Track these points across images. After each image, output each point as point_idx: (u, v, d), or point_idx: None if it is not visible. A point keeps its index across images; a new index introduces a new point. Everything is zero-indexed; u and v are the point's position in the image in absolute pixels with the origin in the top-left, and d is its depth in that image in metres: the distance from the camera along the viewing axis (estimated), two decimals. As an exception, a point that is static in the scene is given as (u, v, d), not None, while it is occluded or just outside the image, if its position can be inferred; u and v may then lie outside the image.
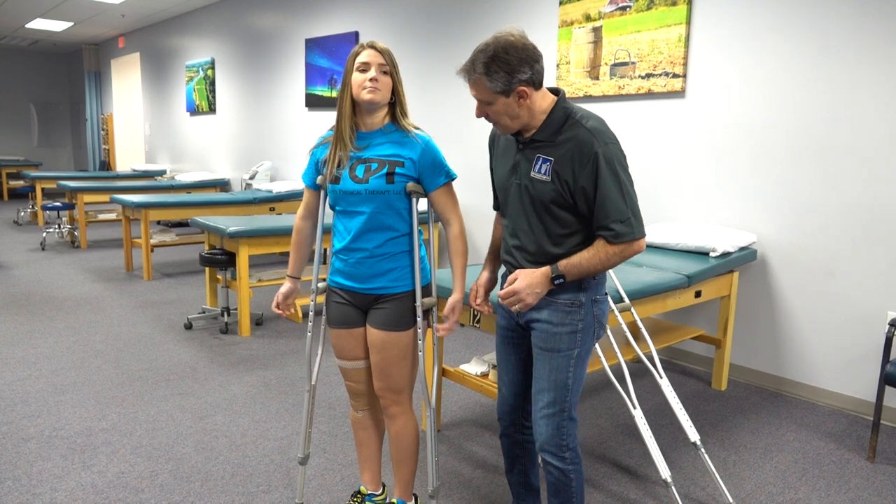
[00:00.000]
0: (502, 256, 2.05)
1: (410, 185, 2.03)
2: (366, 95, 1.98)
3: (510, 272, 1.99)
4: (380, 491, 2.39)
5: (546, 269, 1.84)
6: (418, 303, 2.09)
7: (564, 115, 1.82)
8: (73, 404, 3.34)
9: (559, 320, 1.89)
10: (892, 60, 3.22)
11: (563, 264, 1.83)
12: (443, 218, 2.12)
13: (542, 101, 1.83)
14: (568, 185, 1.80)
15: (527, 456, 2.20)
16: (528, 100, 1.79)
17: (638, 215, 1.80)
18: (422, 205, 2.20)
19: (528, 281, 1.84)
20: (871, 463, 2.94)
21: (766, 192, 3.72)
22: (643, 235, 1.81)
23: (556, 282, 1.84)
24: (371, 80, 1.96)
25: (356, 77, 1.99)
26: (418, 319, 2.10)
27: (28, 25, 10.82)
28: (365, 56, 1.98)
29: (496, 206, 2.12)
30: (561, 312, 1.89)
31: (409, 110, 2.13)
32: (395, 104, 2.06)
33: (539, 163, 1.83)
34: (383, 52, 2.00)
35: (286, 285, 2.27)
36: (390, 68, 2.00)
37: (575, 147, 1.78)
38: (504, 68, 1.74)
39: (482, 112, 1.85)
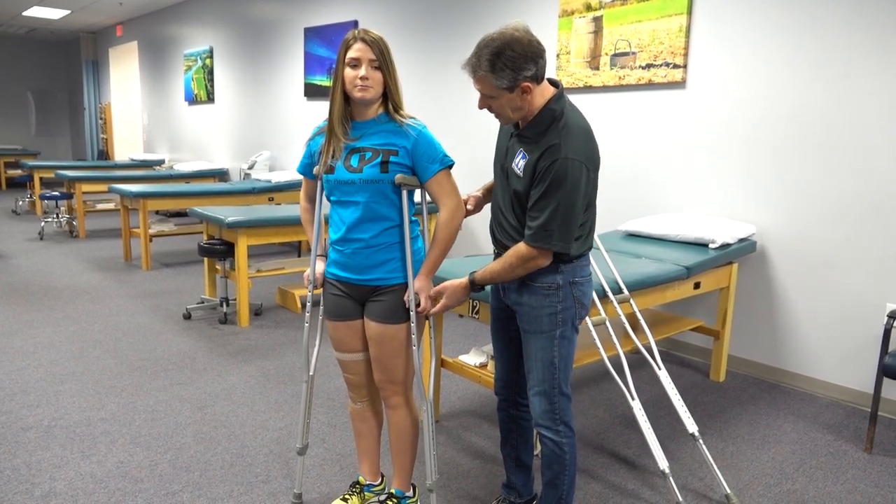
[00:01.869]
0: (490, 227, 2.14)
1: (399, 178, 2.00)
2: (357, 94, 1.96)
3: (497, 246, 2.10)
4: (378, 481, 2.39)
5: (466, 281, 2.02)
6: (410, 296, 2.08)
7: (551, 117, 1.86)
8: (72, 394, 3.34)
9: (538, 303, 1.97)
10: (892, 51, 3.20)
11: (478, 275, 1.99)
12: (437, 203, 2.09)
13: (541, 97, 1.88)
14: (531, 184, 1.87)
15: (519, 432, 2.29)
16: (530, 94, 1.84)
17: (564, 233, 1.83)
18: (416, 196, 2.18)
19: (452, 296, 2.05)
20: (869, 454, 2.95)
21: (766, 184, 3.71)
22: (550, 248, 1.85)
23: (473, 287, 2.02)
24: (362, 78, 1.93)
25: (347, 72, 1.95)
26: (411, 314, 2.09)
27: (25, 13, 10.75)
28: (355, 51, 1.93)
29: None
30: (539, 295, 1.97)
31: (410, 100, 2.12)
32: (388, 97, 2.02)
33: (519, 157, 1.92)
34: (374, 45, 1.94)
35: (319, 265, 2.20)
36: (381, 62, 1.95)
37: (547, 153, 1.83)
38: (510, 65, 1.77)
39: (485, 104, 1.89)
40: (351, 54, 1.94)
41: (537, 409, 2.02)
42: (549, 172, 1.80)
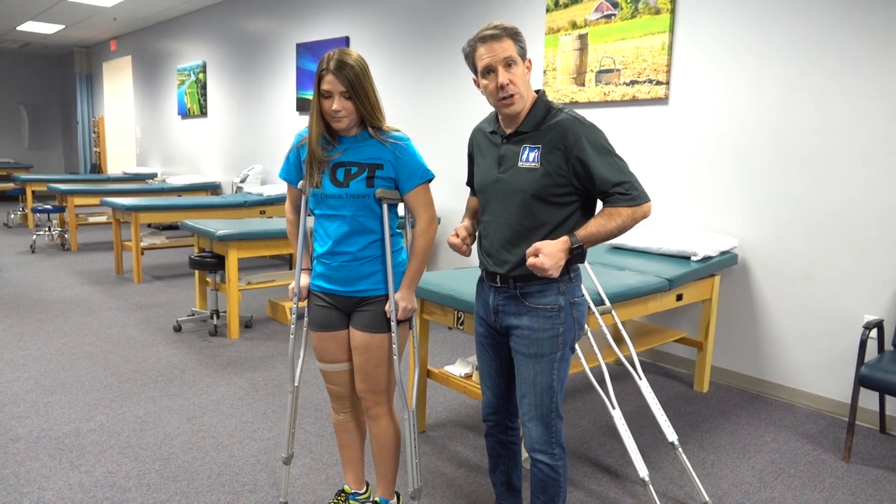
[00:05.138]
0: (479, 257, 2.07)
1: (380, 192, 2.05)
2: (334, 125, 2.02)
3: (490, 272, 2.01)
4: (363, 490, 2.43)
5: (565, 239, 1.83)
6: (391, 307, 2.12)
7: (546, 107, 1.94)
8: (62, 405, 3.37)
9: (540, 326, 1.93)
10: (871, 68, 3.29)
11: (581, 234, 1.84)
12: (413, 215, 2.15)
13: (530, 92, 1.94)
14: (559, 168, 1.87)
15: (509, 456, 2.25)
16: (528, 75, 1.91)
17: (638, 182, 1.90)
18: (401, 209, 2.24)
19: (552, 255, 1.80)
20: (846, 463, 3.01)
21: (747, 198, 3.79)
22: (649, 199, 1.90)
23: (574, 251, 1.85)
24: (334, 110, 1.98)
25: (323, 101, 2.00)
26: (392, 324, 2.13)
27: (19, 28, 10.82)
28: (326, 83, 1.97)
29: (474, 193, 2.17)
30: (542, 318, 1.93)
31: (399, 113, 2.15)
32: (364, 118, 2.05)
33: (526, 152, 1.90)
34: (343, 77, 1.95)
35: (304, 279, 2.24)
36: (351, 92, 1.97)
37: (561, 132, 1.87)
38: (521, 36, 1.89)
39: (506, 77, 1.84)
40: (323, 86, 1.98)
41: (534, 436, 1.97)
42: (587, 144, 1.85)
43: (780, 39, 3.58)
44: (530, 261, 1.80)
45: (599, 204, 1.95)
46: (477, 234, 2.11)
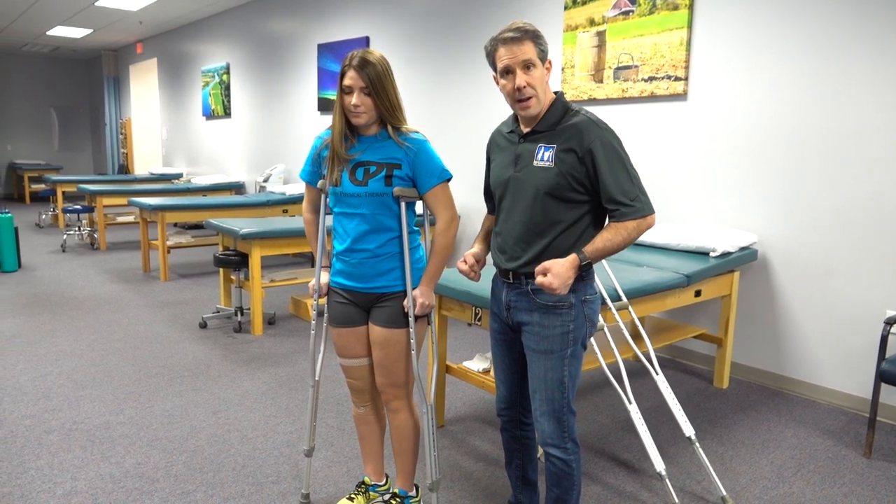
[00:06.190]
0: (493, 255, 2.10)
1: (397, 190, 2.10)
2: (352, 120, 2.08)
3: (502, 268, 2.03)
4: (383, 481, 2.48)
5: (573, 258, 1.86)
6: (409, 303, 2.16)
7: (564, 108, 1.95)
8: (93, 399, 3.47)
9: (550, 322, 1.95)
10: (891, 62, 3.26)
11: (588, 250, 1.87)
12: (434, 216, 2.19)
13: (548, 93, 1.95)
14: (571, 169, 1.88)
15: (524, 451, 2.27)
16: (548, 78, 1.93)
17: (644, 192, 1.90)
18: (419, 207, 2.28)
19: (560, 275, 1.82)
20: (867, 459, 2.99)
21: (767, 193, 3.77)
22: (653, 211, 1.90)
23: (583, 268, 1.88)
24: (354, 105, 2.04)
25: (344, 97, 2.07)
26: (410, 320, 2.17)
27: (49, 32, 11.08)
28: (347, 79, 2.04)
29: (491, 210, 2.20)
30: (551, 315, 1.95)
31: (419, 112, 2.19)
32: (384, 117, 2.10)
33: (541, 151, 1.92)
34: (364, 74, 2.02)
35: (324, 276, 2.30)
36: (371, 89, 2.03)
37: (576, 133, 1.88)
38: (543, 39, 1.90)
39: (523, 80, 1.86)
40: (344, 82, 2.06)
41: (546, 430, 1.99)
42: (600, 147, 1.86)
43: (796, 36, 3.56)
44: (538, 280, 1.82)
45: None
46: (488, 255, 2.15)
